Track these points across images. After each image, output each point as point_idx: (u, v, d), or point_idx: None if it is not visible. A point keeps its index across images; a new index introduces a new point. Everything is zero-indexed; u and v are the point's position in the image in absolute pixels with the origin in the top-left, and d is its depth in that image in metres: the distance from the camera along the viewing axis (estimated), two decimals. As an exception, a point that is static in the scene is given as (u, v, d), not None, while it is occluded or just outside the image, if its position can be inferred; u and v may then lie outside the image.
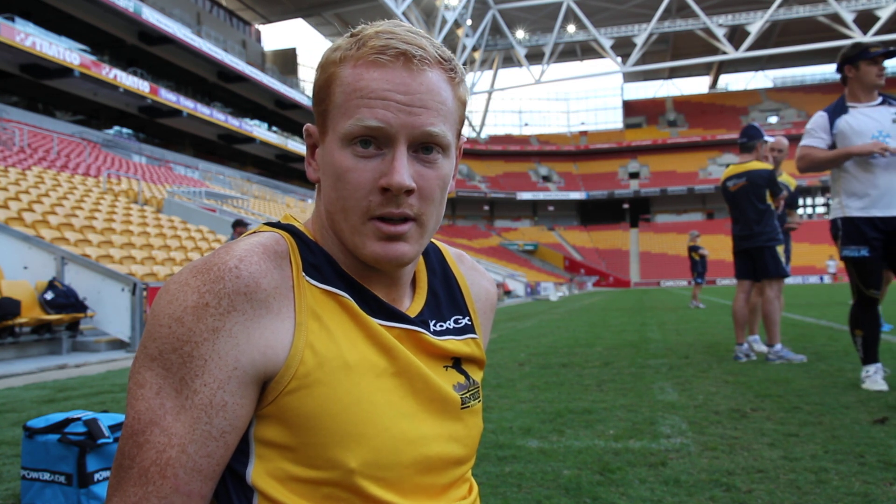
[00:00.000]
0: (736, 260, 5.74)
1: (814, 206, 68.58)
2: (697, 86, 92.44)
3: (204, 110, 35.17)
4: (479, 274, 0.98)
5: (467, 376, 0.87)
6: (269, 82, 40.17)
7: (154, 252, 11.47)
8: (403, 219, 0.76)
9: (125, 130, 37.25)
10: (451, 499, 0.82)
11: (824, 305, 13.69)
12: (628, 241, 67.82)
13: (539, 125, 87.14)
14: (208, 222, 16.13)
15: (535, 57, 66.99)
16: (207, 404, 0.69)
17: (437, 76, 0.77)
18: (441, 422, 0.81)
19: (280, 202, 31.00)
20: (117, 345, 8.20)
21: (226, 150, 42.93)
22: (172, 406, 0.69)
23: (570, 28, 64.57)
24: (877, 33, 53.61)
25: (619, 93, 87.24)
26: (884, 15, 53.25)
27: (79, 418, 2.32)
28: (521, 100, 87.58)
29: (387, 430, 0.75)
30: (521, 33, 66.83)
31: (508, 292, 30.83)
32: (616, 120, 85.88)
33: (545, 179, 76.53)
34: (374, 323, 0.78)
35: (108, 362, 6.95)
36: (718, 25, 58.65)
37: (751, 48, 58.91)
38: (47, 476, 2.25)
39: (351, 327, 0.77)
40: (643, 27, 60.51)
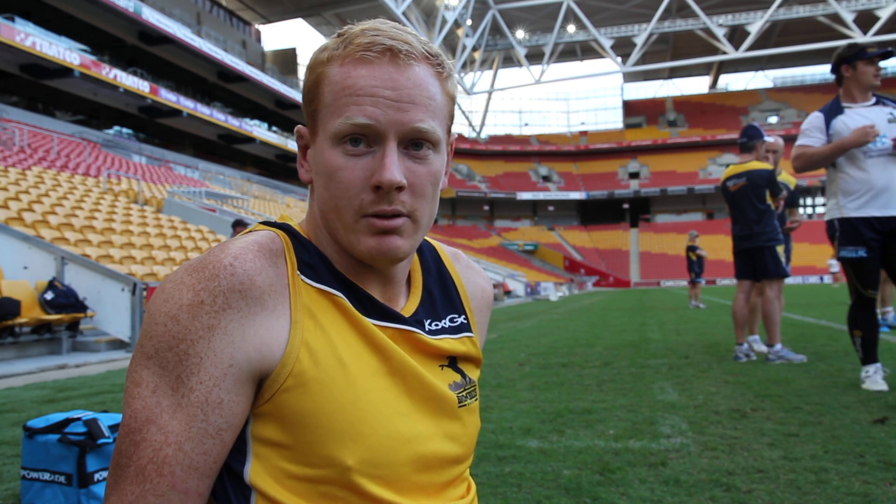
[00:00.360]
0: (736, 260, 5.74)
1: (814, 206, 68.55)
2: (697, 86, 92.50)
3: (204, 110, 35.18)
4: (475, 272, 0.98)
5: (463, 375, 0.87)
6: (269, 82, 40.17)
7: (154, 252, 11.47)
8: (396, 215, 0.76)
9: (125, 130, 37.25)
10: (449, 498, 0.82)
11: (824, 305, 13.69)
12: (628, 241, 67.83)
13: (539, 125, 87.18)
14: (208, 222, 16.13)
15: (535, 57, 67.00)
16: (203, 402, 0.69)
17: (424, 71, 0.77)
18: (437, 420, 0.81)
19: (280, 202, 31.01)
20: (117, 345, 8.20)
21: (226, 150, 42.93)
22: (169, 404, 0.69)
23: (570, 28, 64.58)
24: (877, 33, 53.61)
25: (619, 93, 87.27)
26: (884, 15, 53.26)
27: (79, 418, 2.32)
28: (521, 100, 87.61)
29: (383, 428, 0.75)
30: (521, 33, 66.84)
31: (508, 292, 30.82)
32: (616, 120, 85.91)
33: (545, 179, 76.53)
34: (368, 323, 0.78)
35: (108, 362, 6.95)
36: (718, 25, 58.66)
37: (751, 48, 58.93)
38: (47, 476, 2.25)
39: (345, 327, 0.77)
40: (643, 27, 60.52)
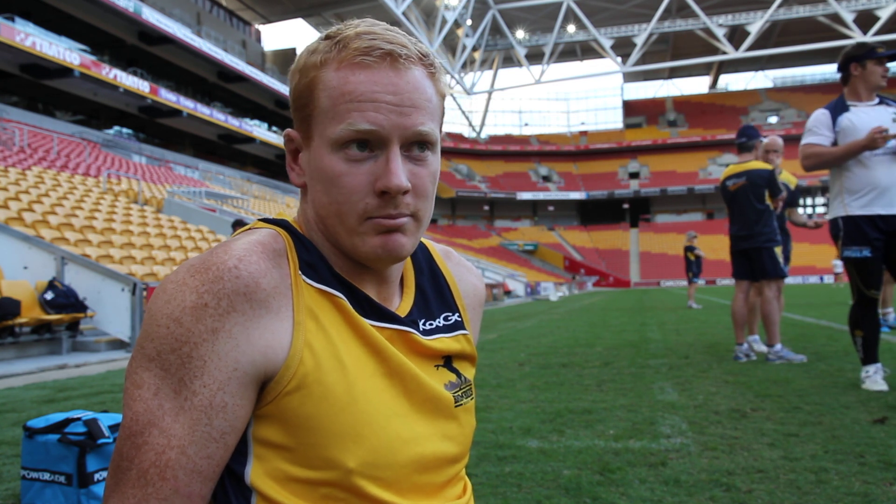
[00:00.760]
0: (733, 260, 5.73)
1: (814, 206, 68.55)
2: (697, 86, 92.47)
3: (204, 110, 35.17)
4: (467, 270, 0.98)
5: (459, 374, 0.87)
6: (269, 82, 40.18)
7: (154, 252, 11.47)
8: (399, 216, 0.76)
9: (125, 130, 37.25)
10: (447, 497, 0.83)
11: (824, 305, 13.69)
12: (628, 241, 67.83)
13: (539, 125, 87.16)
14: (208, 222, 16.13)
15: (535, 57, 66.99)
16: (207, 405, 0.68)
17: (420, 73, 0.77)
18: (434, 421, 0.81)
19: (280, 202, 31.00)
20: (117, 345, 8.20)
21: (226, 150, 42.94)
22: (171, 407, 0.68)
23: (570, 28, 64.57)
24: (877, 33, 53.60)
25: (619, 93, 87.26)
26: (884, 15, 53.26)
27: (79, 418, 2.32)
28: (521, 100, 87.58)
29: (383, 429, 0.75)
30: (521, 33, 66.82)
31: (508, 292, 30.80)
32: (616, 120, 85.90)
33: (545, 179, 76.53)
34: (366, 324, 0.78)
35: (108, 362, 6.95)
36: (718, 25, 58.65)
37: (751, 48, 58.92)
38: (47, 476, 2.25)
39: (344, 328, 0.77)
40: (643, 27, 60.51)
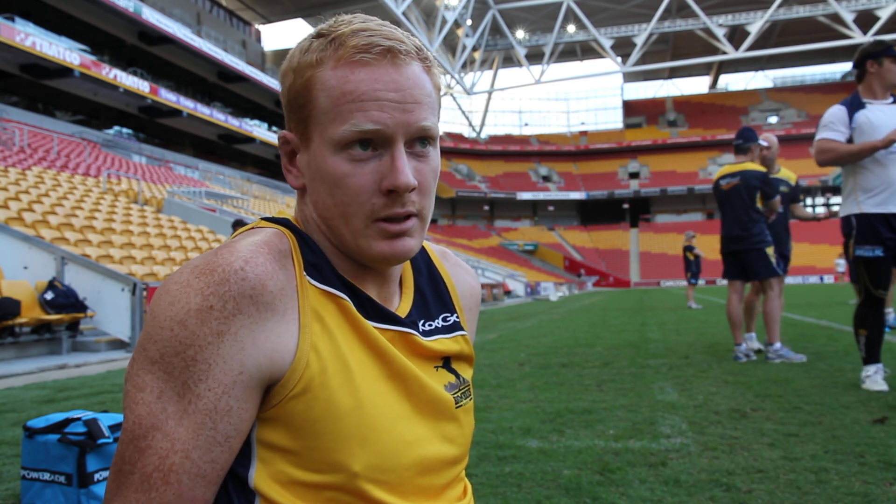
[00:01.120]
0: (725, 260, 5.70)
1: (814, 206, 68.52)
2: (697, 86, 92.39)
3: (204, 110, 35.17)
4: (464, 271, 0.98)
5: (458, 375, 0.87)
6: (268, 82, 40.17)
7: (154, 252, 11.47)
8: (407, 216, 0.76)
9: (125, 130, 37.25)
10: (449, 499, 0.83)
11: (824, 305, 13.69)
12: (628, 241, 67.81)
13: (539, 125, 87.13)
14: (208, 222, 16.12)
15: (535, 57, 66.97)
16: (212, 409, 0.67)
17: (418, 68, 0.76)
18: (435, 423, 0.81)
19: (280, 202, 30.99)
20: (117, 345, 8.19)
21: (226, 150, 42.93)
22: (175, 411, 0.67)
23: (570, 28, 64.55)
24: (877, 33, 53.55)
25: (619, 93, 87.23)
26: (884, 15, 53.24)
27: (79, 418, 2.32)
28: (521, 100, 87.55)
29: (387, 432, 0.74)
30: (521, 33, 66.81)
31: (508, 292, 30.80)
32: (616, 120, 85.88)
33: (545, 179, 76.52)
34: (370, 326, 0.77)
35: (108, 362, 6.95)
36: (718, 25, 58.64)
37: (751, 48, 58.89)
38: (47, 476, 2.25)
39: (348, 330, 0.76)
40: (643, 27, 60.50)
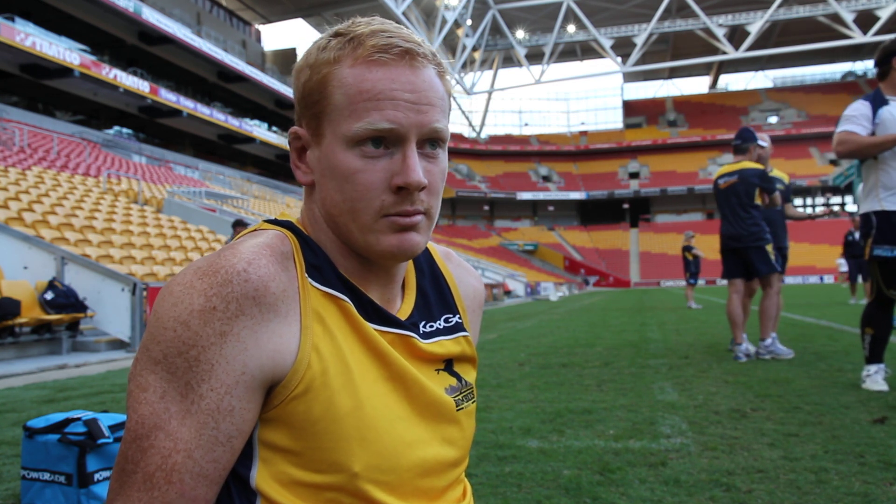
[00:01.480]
0: (725, 259, 5.72)
1: (814, 206, 68.52)
2: (697, 86, 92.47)
3: (204, 110, 35.16)
4: (467, 272, 0.98)
5: (459, 378, 0.87)
6: (269, 82, 40.16)
7: (154, 252, 11.47)
8: (415, 213, 0.77)
9: (125, 130, 37.24)
10: (448, 501, 0.83)
11: (824, 305, 13.70)
12: (628, 241, 67.82)
13: (539, 125, 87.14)
14: (208, 222, 16.13)
15: (535, 57, 66.98)
16: (214, 409, 0.68)
17: (432, 72, 0.78)
18: (436, 425, 0.81)
19: (280, 202, 31.00)
20: (117, 345, 8.20)
21: (226, 150, 42.92)
22: (177, 410, 0.68)
23: (570, 28, 64.56)
24: (877, 33, 53.59)
25: (619, 93, 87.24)
26: (884, 15, 53.24)
27: (79, 418, 2.32)
28: (521, 100, 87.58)
29: (387, 434, 0.75)
30: (521, 33, 66.81)
31: (508, 292, 30.80)
32: (616, 120, 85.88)
33: (545, 179, 76.52)
34: (370, 328, 0.78)
35: (108, 362, 6.95)
36: (718, 25, 58.65)
37: (751, 48, 58.91)
38: (47, 476, 2.25)
39: (349, 332, 0.77)
40: (643, 27, 60.51)
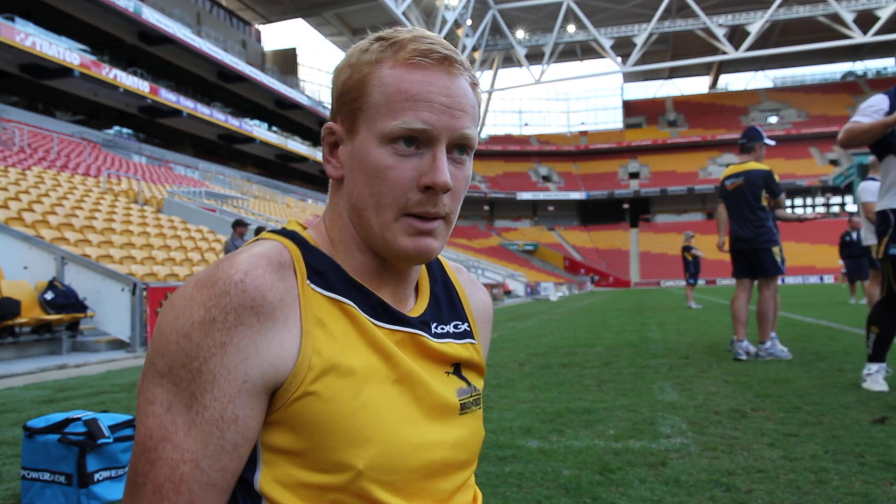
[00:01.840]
0: (733, 259, 5.77)
1: (814, 206, 68.56)
2: (697, 86, 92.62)
3: (204, 110, 35.16)
4: (477, 286, 1.01)
5: (468, 383, 0.88)
6: (269, 82, 40.17)
7: (154, 252, 11.47)
8: (436, 217, 0.78)
9: (125, 130, 37.24)
10: None
11: (824, 305, 13.70)
12: (628, 241, 67.83)
13: (539, 125, 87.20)
14: (208, 222, 16.12)
15: (535, 57, 66.95)
16: (219, 419, 0.69)
17: (467, 81, 0.80)
18: (443, 428, 0.82)
19: (280, 202, 31.01)
20: (117, 345, 8.19)
21: (226, 150, 42.92)
22: (184, 422, 0.69)
23: (570, 28, 64.55)
24: (877, 33, 53.60)
25: (619, 93, 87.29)
26: (884, 15, 53.23)
27: (79, 418, 2.32)
28: (521, 100, 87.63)
29: (392, 434, 0.75)
30: (521, 33, 66.80)
31: (508, 292, 30.81)
32: (616, 120, 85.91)
33: (545, 179, 76.53)
34: (377, 330, 0.79)
35: (108, 362, 6.95)
36: (718, 25, 58.63)
37: (751, 48, 58.87)
38: (47, 476, 2.25)
39: (354, 335, 0.77)
40: (643, 27, 60.49)
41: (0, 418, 3.82)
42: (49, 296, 7.51)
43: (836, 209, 65.77)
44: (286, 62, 50.82)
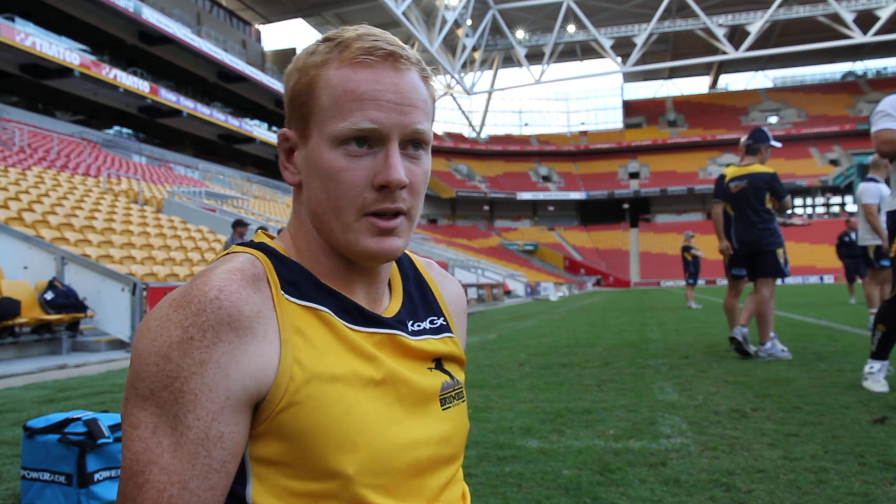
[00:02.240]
0: (731, 258, 5.77)
1: (814, 207, 68.55)
2: (697, 86, 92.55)
3: (204, 110, 35.17)
4: (448, 279, 1.01)
5: (451, 376, 0.88)
6: (269, 82, 40.18)
7: (154, 252, 11.48)
8: (396, 213, 0.78)
9: (125, 130, 37.25)
10: (447, 501, 0.83)
11: (824, 305, 13.70)
12: (628, 241, 67.83)
13: (539, 125, 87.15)
14: (208, 222, 16.13)
15: (535, 57, 66.96)
16: (204, 438, 0.69)
17: (416, 75, 0.80)
18: (427, 424, 0.82)
19: (280, 202, 31.01)
20: (117, 345, 8.20)
21: (226, 150, 42.94)
22: (169, 444, 0.69)
23: (570, 28, 64.54)
24: (877, 33, 53.61)
25: (619, 93, 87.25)
26: (884, 15, 53.25)
27: (79, 418, 2.32)
28: (521, 100, 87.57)
29: (378, 436, 0.75)
30: (521, 33, 66.79)
31: (508, 292, 30.80)
32: (616, 120, 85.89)
33: (545, 179, 76.52)
34: (354, 334, 0.79)
35: (108, 362, 6.95)
36: (718, 25, 58.64)
37: (751, 48, 58.89)
38: (47, 476, 2.25)
39: (332, 341, 0.77)
40: (643, 27, 60.49)
41: (0, 418, 3.82)
42: (49, 296, 7.51)
43: (836, 209, 65.78)
44: (286, 62, 50.44)
